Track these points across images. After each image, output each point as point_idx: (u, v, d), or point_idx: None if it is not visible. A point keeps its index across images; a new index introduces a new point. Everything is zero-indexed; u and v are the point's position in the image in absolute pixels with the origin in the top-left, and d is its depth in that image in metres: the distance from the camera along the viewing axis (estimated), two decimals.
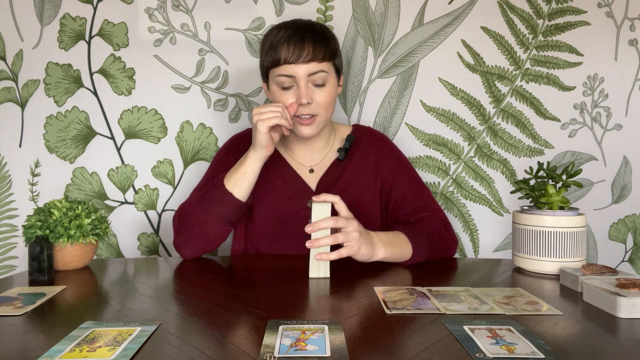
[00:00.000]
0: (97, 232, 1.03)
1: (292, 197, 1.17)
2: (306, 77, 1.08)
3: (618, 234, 1.52)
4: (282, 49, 1.07)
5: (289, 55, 1.07)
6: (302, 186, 1.19)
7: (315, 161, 1.22)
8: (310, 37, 1.08)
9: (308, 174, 1.21)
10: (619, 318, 0.72)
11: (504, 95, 1.47)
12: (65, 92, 1.41)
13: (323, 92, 1.10)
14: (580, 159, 1.49)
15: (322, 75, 1.09)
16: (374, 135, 1.27)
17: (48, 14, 1.39)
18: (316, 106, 1.10)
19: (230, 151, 1.23)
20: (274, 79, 1.11)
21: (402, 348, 0.62)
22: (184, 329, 0.68)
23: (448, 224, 1.19)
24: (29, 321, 0.72)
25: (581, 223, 0.99)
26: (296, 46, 1.07)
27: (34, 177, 1.42)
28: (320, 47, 1.08)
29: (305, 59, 1.07)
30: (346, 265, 1.05)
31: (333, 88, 1.13)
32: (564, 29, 1.46)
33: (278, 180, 1.19)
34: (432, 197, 1.23)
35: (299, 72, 1.07)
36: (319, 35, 1.10)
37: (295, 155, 1.22)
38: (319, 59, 1.08)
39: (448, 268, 1.06)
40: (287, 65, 1.07)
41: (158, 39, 1.41)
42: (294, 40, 1.07)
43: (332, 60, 1.11)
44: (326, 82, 1.10)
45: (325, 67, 1.09)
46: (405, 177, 1.23)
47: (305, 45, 1.07)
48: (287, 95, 1.10)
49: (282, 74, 1.08)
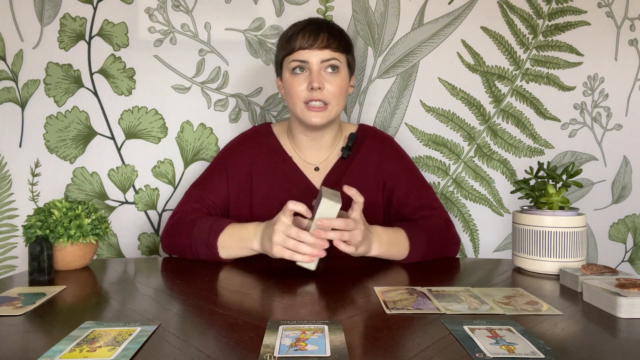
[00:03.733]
0: (97, 232, 1.03)
1: (296, 195, 1.18)
2: (319, 63, 1.10)
3: (618, 234, 1.52)
4: (298, 37, 1.10)
5: (304, 42, 1.09)
6: (306, 184, 1.19)
7: (321, 159, 1.22)
8: (326, 29, 1.12)
9: (313, 172, 1.21)
10: (619, 318, 0.72)
11: (504, 95, 1.47)
12: (65, 92, 1.41)
13: (335, 80, 1.12)
14: (580, 159, 1.49)
15: (335, 63, 1.11)
16: (377, 135, 1.27)
17: (48, 14, 1.39)
18: (327, 93, 1.11)
19: (235, 153, 1.23)
20: (287, 65, 1.13)
21: (402, 348, 0.62)
22: (184, 329, 0.68)
23: (450, 223, 1.19)
24: (29, 321, 0.72)
25: (581, 223, 0.99)
26: (311, 34, 1.10)
27: (34, 177, 1.42)
28: (334, 38, 1.11)
29: (320, 46, 1.09)
30: (346, 265, 1.05)
31: (345, 79, 1.14)
32: (564, 29, 1.46)
33: (282, 178, 1.20)
34: (435, 196, 1.24)
35: (313, 58, 1.10)
36: (334, 29, 1.13)
37: (302, 153, 1.22)
38: (333, 47, 1.10)
39: (448, 268, 1.06)
40: (301, 51, 1.10)
41: (158, 39, 1.41)
42: (309, 29, 1.10)
43: (345, 53, 1.14)
44: (339, 70, 1.12)
45: (338, 57, 1.12)
46: (408, 176, 1.23)
47: (321, 34, 1.10)
48: (299, 80, 1.11)
49: (296, 59, 1.11)
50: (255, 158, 1.21)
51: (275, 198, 1.18)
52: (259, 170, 1.20)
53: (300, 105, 1.12)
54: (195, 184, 1.22)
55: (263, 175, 1.20)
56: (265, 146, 1.23)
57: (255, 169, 1.20)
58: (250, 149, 1.22)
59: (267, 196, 1.19)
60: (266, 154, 1.21)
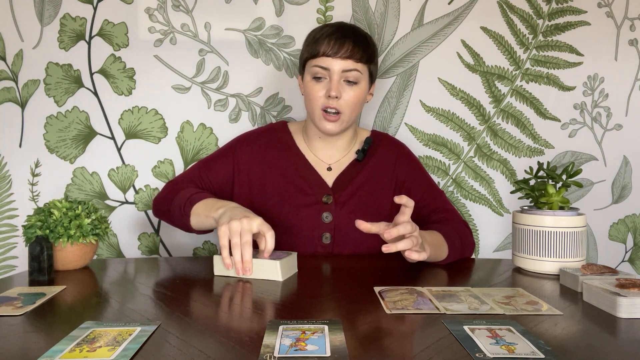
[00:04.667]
0: (97, 232, 1.03)
1: (307, 192, 1.18)
2: (340, 72, 1.11)
3: (618, 234, 1.52)
4: (323, 42, 1.11)
5: (328, 48, 1.10)
6: (318, 181, 1.20)
7: (334, 159, 1.23)
8: (352, 37, 1.12)
9: (325, 171, 1.22)
10: (619, 318, 0.72)
11: (504, 95, 1.47)
12: (65, 92, 1.41)
13: (353, 91, 1.13)
14: (580, 159, 1.49)
15: (355, 74, 1.12)
16: (392, 141, 1.30)
17: (48, 14, 1.39)
18: (343, 103, 1.12)
19: (247, 144, 1.24)
20: (310, 69, 1.14)
21: (402, 348, 0.62)
22: (184, 329, 0.68)
23: (468, 225, 1.22)
24: (29, 321, 0.72)
25: (581, 223, 0.99)
26: (337, 42, 1.10)
27: (34, 177, 1.42)
28: (359, 48, 1.11)
29: (343, 55, 1.10)
30: (346, 265, 1.05)
31: (363, 90, 1.15)
32: (564, 29, 1.46)
33: (295, 173, 1.20)
34: (448, 200, 1.27)
35: (334, 67, 1.10)
36: (360, 38, 1.13)
37: (315, 151, 1.24)
38: (356, 58, 1.11)
39: (448, 268, 1.06)
40: (325, 58, 1.11)
41: (158, 39, 1.41)
42: (335, 36, 1.11)
43: (368, 63, 1.14)
44: (358, 82, 1.13)
45: (360, 68, 1.12)
46: (422, 181, 1.26)
47: (346, 43, 1.10)
48: (319, 86, 1.13)
49: (318, 65, 1.12)
50: (267, 152, 1.23)
51: (287, 193, 1.19)
52: (271, 164, 1.22)
53: (317, 112, 1.14)
54: (200, 162, 1.26)
55: (275, 169, 1.21)
56: (280, 142, 1.24)
57: (266, 163, 1.22)
58: (263, 142, 1.24)
59: (278, 190, 1.19)
60: (280, 149, 1.23)
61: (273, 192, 1.19)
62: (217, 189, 1.22)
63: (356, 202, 1.19)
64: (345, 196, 1.18)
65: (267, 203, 1.19)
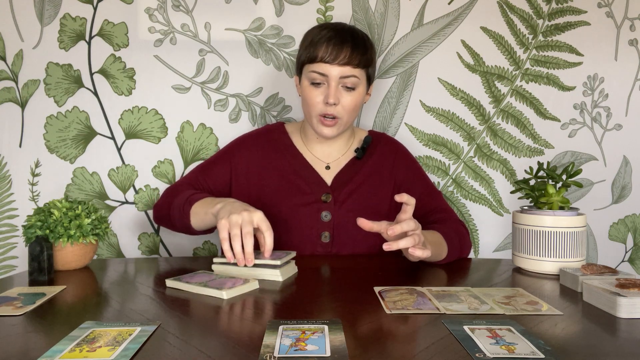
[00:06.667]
0: (97, 232, 1.03)
1: (306, 190, 1.18)
2: (338, 78, 1.11)
3: (618, 234, 1.52)
4: (322, 47, 1.10)
5: (326, 54, 1.09)
6: (317, 180, 1.20)
7: (332, 158, 1.24)
8: (350, 41, 1.11)
9: (324, 169, 1.22)
10: (619, 318, 0.72)
11: (504, 95, 1.47)
12: (65, 92, 1.41)
13: (351, 96, 1.13)
14: (580, 159, 1.49)
15: (353, 80, 1.12)
16: (390, 140, 1.30)
17: (48, 14, 1.39)
18: (341, 109, 1.13)
19: (245, 146, 1.25)
20: (307, 74, 1.13)
21: (402, 348, 0.62)
22: (184, 329, 0.68)
23: (465, 226, 1.22)
24: (29, 321, 0.72)
25: (581, 223, 0.99)
26: (335, 47, 1.09)
27: (34, 177, 1.42)
28: (357, 53, 1.10)
29: (341, 62, 1.09)
30: (346, 265, 1.05)
31: (361, 94, 1.15)
32: (564, 29, 1.46)
33: (293, 173, 1.21)
34: (445, 200, 1.27)
35: (332, 73, 1.10)
36: (358, 42, 1.12)
37: (314, 151, 1.24)
38: (354, 64, 1.10)
39: (448, 268, 1.06)
40: (323, 64, 1.10)
41: (158, 39, 1.41)
42: (334, 42, 1.10)
43: (365, 68, 1.14)
44: (356, 88, 1.13)
45: (357, 74, 1.12)
46: (420, 180, 1.26)
47: (344, 48, 1.09)
48: (316, 92, 1.13)
49: (315, 71, 1.11)
50: (265, 153, 1.23)
51: (286, 192, 1.19)
52: (269, 164, 1.22)
53: (315, 117, 1.14)
54: (198, 167, 1.27)
55: (273, 169, 1.21)
56: (277, 142, 1.25)
57: (264, 163, 1.22)
58: (261, 143, 1.25)
59: (277, 189, 1.20)
60: (277, 149, 1.23)
61: (272, 192, 1.19)
62: (216, 192, 1.22)
63: (355, 200, 1.19)
64: (344, 194, 1.18)
65: (266, 203, 1.19)
